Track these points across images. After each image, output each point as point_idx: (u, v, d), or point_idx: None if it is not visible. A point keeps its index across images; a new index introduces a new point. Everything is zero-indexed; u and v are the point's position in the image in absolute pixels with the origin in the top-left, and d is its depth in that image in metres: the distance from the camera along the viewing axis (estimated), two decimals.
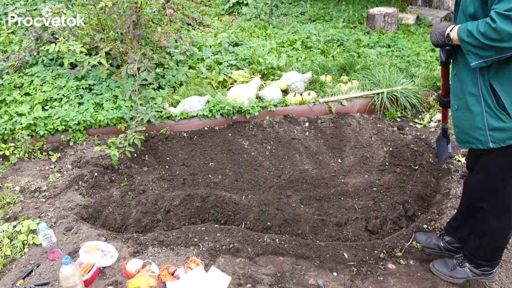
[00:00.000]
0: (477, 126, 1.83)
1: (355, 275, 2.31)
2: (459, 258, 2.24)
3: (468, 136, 1.90)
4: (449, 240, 2.37)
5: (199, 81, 4.21)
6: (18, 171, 3.17)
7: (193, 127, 3.68)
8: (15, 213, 2.68)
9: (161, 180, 3.20)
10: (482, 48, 1.64)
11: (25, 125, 3.35)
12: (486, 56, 1.65)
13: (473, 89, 1.82)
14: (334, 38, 5.63)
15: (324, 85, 4.32)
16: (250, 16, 6.75)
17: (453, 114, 2.01)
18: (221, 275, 2.21)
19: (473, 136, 1.87)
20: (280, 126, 3.80)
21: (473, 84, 1.82)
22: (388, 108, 4.06)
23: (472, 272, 2.19)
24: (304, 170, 3.33)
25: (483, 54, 1.65)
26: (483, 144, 1.83)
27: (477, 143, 1.86)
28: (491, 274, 2.19)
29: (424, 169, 3.27)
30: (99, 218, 2.75)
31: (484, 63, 1.68)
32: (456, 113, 1.98)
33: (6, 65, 3.90)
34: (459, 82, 1.92)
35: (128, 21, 3.63)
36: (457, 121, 1.98)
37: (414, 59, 5.00)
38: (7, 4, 5.28)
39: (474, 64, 1.70)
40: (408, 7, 7.35)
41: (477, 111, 1.82)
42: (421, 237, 2.51)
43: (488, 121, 1.79)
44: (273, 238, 2.53)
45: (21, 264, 2.28)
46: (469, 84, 1.84)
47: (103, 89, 3.81)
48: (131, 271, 2.18)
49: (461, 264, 2.21)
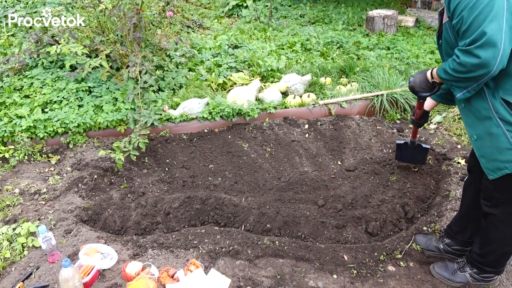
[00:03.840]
0: (504, 147, 1.77)
1: (355, 277, 2.31)
2: (461, 263, 2.24)
3: (498, 161, 1.81)
4: (449, 242, 2.37)
5: (199, 84, 4.22)
6: (18, 173, 3.17)
7: (192, 129, 3.68)
8: (15, 215, 2.67)
9: (160, 183, 3.19)
10: (459, 81, 1.79)
11: (25, 128, 3.35)
12: (466, 86, 1.78)
13: (485, 112, 1.80)
14: (334, 40, 5.64)
15: (323, 87, 4.33)
16: (250, 18, 6.77)
17: (475, 145, 1.93)
18: (221, 278, 2.20)
19: (503, 159, 1.79)
20: (279, 128, 3.80)
21: (484, 108, 1.80)
22: (387, 110, 4.06)
23: (472, 277, 2.19)
24: (303, 172, 3.33)
25: (463, 86, 1.79)
26: None
27: (510, 166, 1.77)
28: (493, 280, 2.19)
29: (424, 171, 3.27)
30: (98, 221, 2.75)
31: (468, 93, 1.79)
32: (477, 143, 1.90)
33: (6, 68, 3.91)
34: (470, 112, 1.90)
35: (128, 23, 3.63)
36: (480, 151, 1.89)
37: (414, 61, 5.02)
38: (7, 6, 5.29)
39: (460, 96, 1.82)
40: (407, 10, 7.37)
41: (498, 132, 1.78)
42: (421, 239, 2.51)
43: None
44: (273, 240, 2.53)
45: (21, 267, 2.28)
46: (481, 109, 1.82)
47: (103, 92, 3.81)
48: (131, 273, 2.18)
49: (462, 269, 2.21)
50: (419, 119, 2.64)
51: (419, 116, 2.62)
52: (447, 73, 1.82)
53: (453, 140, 3.63)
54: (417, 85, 2.17)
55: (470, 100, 1.86)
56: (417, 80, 2.16)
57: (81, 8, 4.36)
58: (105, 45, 3.96)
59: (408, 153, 3.14)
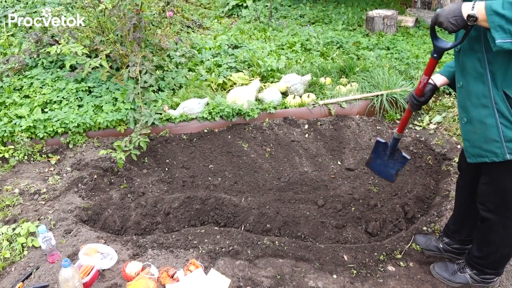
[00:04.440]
0: (492, 139, 1.74)
1: (355, 277, 2.31)
2: (461, 264, 2.24)
3: (481, 149, 1.80)
4: (448, 241, 2.37)
5: (199, 84, 4.22)
6: (18, 173, 3.17)
7: (192, 129, 3.68)
8: (15, 215, 2.67)
9: (160, 183, 3.19)
10: None
11: (25, 128, 3.35)
12: None
13: (484, 100, 1.73)
14: (334, 41, 5.65)
15: (323, 87, 4.33)
16: (250, 18, 6.77)
17: (463, 128, 1.89)
18: (221, 278, 2.20)
19: (487, 149, 1.76)
20: (279, 128, 3.80)
21: (483, 95, 1.72)
22: (387, 110, 4.06)
23: (472, 278, 2.19)
24: (303, 172, 3.33)
25: None
26: (499, 156, 1.74)
27: (491, 156, 1.76)
28: (492, 281, 2.19)
29: (424, 171, 3.28)
30: (98, 221, 2.75)
31: (509, 44, 1.49)
32: (466, 127, 1.85)
33: (6, 68, 3.91)
34: (466, 94, 1.81)
35: (128, 23, 3.63)
36: (467, 135, 1.86)
37: (413, 61, 5.02)
38: (7, 6, 5.29)
39: (500, 42, 1.51)
40: (407, 10, 7.37)
41: (491, 123, 1.73)
42: (421, 239, 2.51)
43: (504, 133, 1.71)
44: (273, 241, 2.53)
45: (21, 267, 2.28)
46: (479, 95, 1.74)
47: (102, 92, 3.81)
48: (131, 273, 2.18)
49: (462, 270, 2.21)
50: (421, 95, 2.06)
51: (422, 90, 2.04)
52: (509, 8, 1.47)
53: (453, 140, 3.63)
54: (444, 14, 1.65)
55: (472, 83, 1.76)
56: (446, 9, 1.66)
57: (81, 8, 4.36)
58: (105, 45, 3.96)
59: (382, 161, 2.52)
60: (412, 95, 2.10)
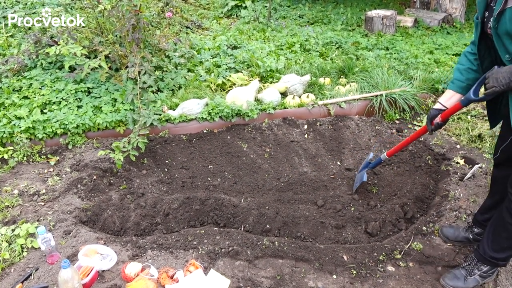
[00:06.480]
0: None
1: (355, 277, 2.31)
2: (468, 267, 2.24)
3: None
4: (479, 232, 2.40)
5: (198, 84, 4.22)
6: (17, 174, 3.17)
7: (192, 130, 3.68)
8: (14, 216, 2.67)
9: (160, 183, 3.19)
10: None
11: (24, 129, 3.34)
12: None
13: None
14: (333, 41, 5.65)
15: (322, 87, 4.33)
16: (249, 19, 6.77)
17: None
18: (221, 278, 2.20)
19: None
20: (279, 129, 3.80)
21: None
22: (386, 111, 4.07)
23: (481, 277, 2.21)
24: (303, 173, 3.33)
25: None
26: None
27: None
28: (492, 274, 2.22)
29: (423, 171, 3.28)
30: (98, 222, 2.75)
31: None
32: None
33: (5, 69, 3.90)
34: None
35: (127, 24, 3.63)
36: None
37: (412, 61, 5.02)
38: (6, 7, 5.28)
39: None
40: (406, 10, 7.38)
41: None
42: (450, 231, 2.52)
43: None
44: (272, 241, 2.53)
45: (20, 268, 2.27)
46: None
47: (102, 92, 3.81)
48: (130, 274, 2.17)
49: (471, 273, 2.22)
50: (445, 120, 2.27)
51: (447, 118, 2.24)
52: None
53: (452, 140, 3.64)
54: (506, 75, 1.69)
55: None
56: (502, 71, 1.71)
57: (80, 9, 4.36)
58: (104, 46, 3.96)
59: (360, 174, 2.99)
60: (437, 123, 2.30)
